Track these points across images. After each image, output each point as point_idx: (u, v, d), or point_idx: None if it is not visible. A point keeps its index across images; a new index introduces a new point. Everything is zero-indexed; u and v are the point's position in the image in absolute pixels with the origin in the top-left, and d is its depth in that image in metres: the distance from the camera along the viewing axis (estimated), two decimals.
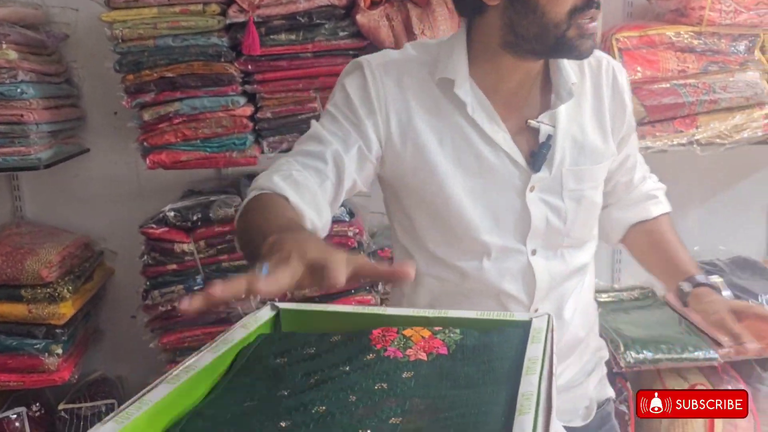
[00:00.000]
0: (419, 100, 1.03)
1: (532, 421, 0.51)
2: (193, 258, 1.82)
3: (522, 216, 1.04)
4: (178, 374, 0.63)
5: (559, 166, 1.05)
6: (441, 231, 1.06)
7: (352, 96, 1.03)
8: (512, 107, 1.05)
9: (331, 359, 0.71)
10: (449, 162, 1.03)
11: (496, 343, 0.69)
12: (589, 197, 1.08)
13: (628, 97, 1.13)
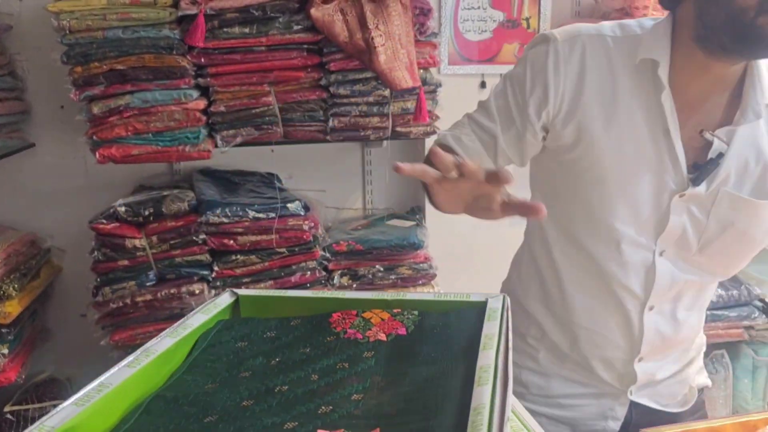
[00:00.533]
0: (601, 76, 0.99)
1: (489, 392, 0.53)
2: (145, 253, 1.79)
3: (662, 217, 1.00)
4: (137, 358, 0.63)
5: (719, 185, 0.99)
6: (581, 209, 1.05)
7: (528, 72, 1.03)
8: (693, 110, 0.99)
9: (292, 342, 0.71)
10: (607, 142, 0.99)
11: (454, 322, 0.71)
12: (741, 229, 1.01)
13: None
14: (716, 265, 1.05)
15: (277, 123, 1.83)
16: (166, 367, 0.66)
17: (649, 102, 0.98)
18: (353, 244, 1.92)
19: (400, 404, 0.55)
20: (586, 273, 1.07)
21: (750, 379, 2.34)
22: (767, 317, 2.23)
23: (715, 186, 0.98)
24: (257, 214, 1.82)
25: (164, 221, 1.80)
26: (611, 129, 0.99)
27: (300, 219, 1.84)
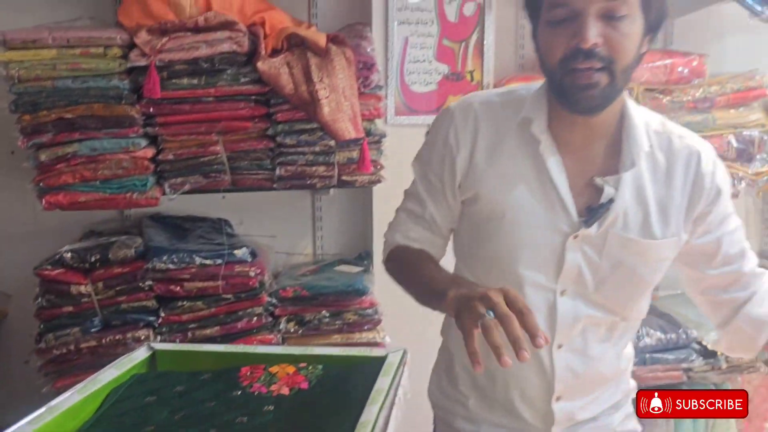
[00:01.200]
0: (492, 138, 1.11)
1: None
2: (91, 299, 1.80)
3: (559, 258, 1.08)
4: (40, 415, 0.65)
5: (608, 227, 1.06)
6: (484, 258, 1.15)
7: (437, 144, 1.16)
8: (577, 158, 1.08)
9: (200, 396, 0.74)
10: (504, 196, 1.09)
11: (354, 376, 0.75)
12: (630, 267, 1.08)
13: (711, 182, 1.09)
14: (613, 304, 1.12)
15: (225, 171, 1.88)
16: (72, 422, 0.68)
17: (534, 155, 1.08)
18: (299, 290, 1.95)
19: None
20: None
21: (692, 422, 2.40)
22: (704, 360, 2.30)
23: (604, 228, 1.07)
24: (204, 260, 1.84)
25: (111, 267, 1.81)
26: (503, 183, 1.10)
27: (246, 265, 1.87)
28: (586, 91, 0.97)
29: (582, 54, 0.95)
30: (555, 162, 1.07)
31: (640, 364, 2.25)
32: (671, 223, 1.09)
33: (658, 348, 2.26)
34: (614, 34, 0.95)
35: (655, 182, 1.08)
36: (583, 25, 0.94)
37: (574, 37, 0.95)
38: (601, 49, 0.95)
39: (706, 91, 2.14)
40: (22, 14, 1.96)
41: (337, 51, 1.82)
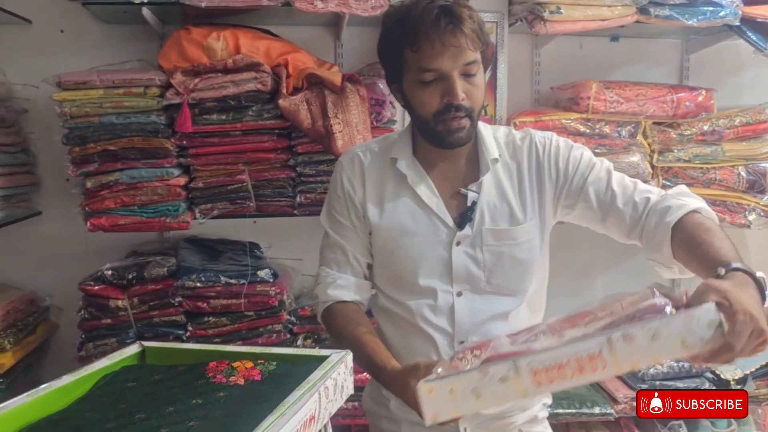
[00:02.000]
0: (376, 179, 1.35)
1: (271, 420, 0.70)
2: (127, 313, 1.99)
3: (447, 265, 1.30)
4: (37, 390, 0.82)
5: (479, 225, 1.29)
6: (391, 278, 1.36)
7: (338, 192, 1.38)
8: (447, 178, 1.32)
9: (171, 384, 0.89)
10: (394, 224, 1.32)
11: (299, 371, 0.88)
12: (507, 253, 1.30)
13: (552, 156, 1.32)
14: (506, 289, 1.31)
15: (250, 198, 2.05)
16: (64, 400, 0.84)
17: (408, 187, 1.32)
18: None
19: (215, 428, 0.72)
20: (405, 321, 1.33)
21: None
22: (717, 389, 2.30)
23: (476, 227, 1.29)
24: (229, 279, 2.01)
25: (145, 284, 2.00)
26: (390, 217, 1.33)
27: (268, 285, 2.03)
28: (455, 134, 1.24)
29: (453, 108, 1.21)
30: (425, 188, 1.31)
31: None
32: (529, 208, 1.31)
33: (669, 376, 2.29)
34: (471, 88, 1.22)
35: (510, 180, 1.32)
36: (452, 86, 1.20)
37: (445, 95, 1.21)
38: (465, 102, 1.21)
39: (714, 124, 2.20)
40: (80, 56, 2.21)
41: (352, 89, 1.98)
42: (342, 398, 0.89)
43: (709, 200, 2.30)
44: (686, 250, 1.16)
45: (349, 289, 1.36)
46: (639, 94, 2.16)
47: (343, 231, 1.37)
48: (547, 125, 2.18)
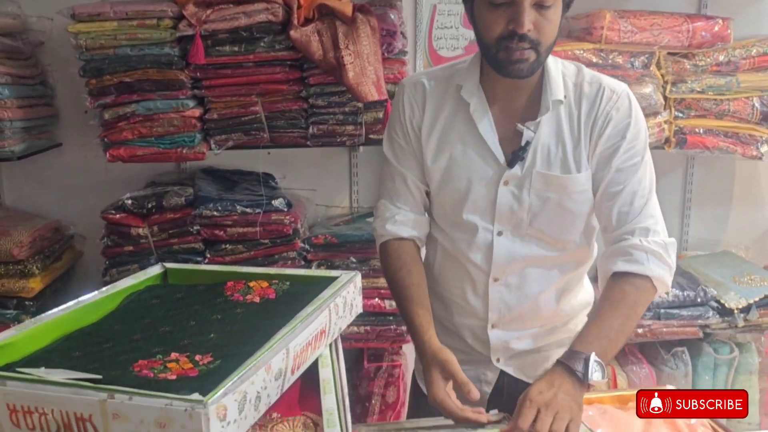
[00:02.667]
0: (436, 105, 1.31)
1: (287, 329, 0.76)
2: (148, 241, 2.07)
3: (492, 203, 1.27)
4: (68, 306, 0.88)
5: (530, 166, 1.24)
6: (438, 207, 1.35)
7: (399, 118, 1.35)
8: (507, 113, 1.27)
9: (192, 301, 0.96)
10: (445, 155, 1.29)
11: (311, 290, 0.94)
12: (555, 200, 1.25)
13: (615, 121, 1.22)
14: (548, 236, 1.28)
15: (263, 129, 2.09)
16: (94, 315, 0.91)
17: (467, 116, 1.27)
18: (330, 237, 2.16)
19: (232, 339, 0.79)
20: (448, 253, 1.35)
21: (711, 376, 2.48)
22: (721, 318, 2.36)
23: (527, 168, 1.24)
24: (245, 209, 2.07)
25: (164, 213, 2.07)
26: (443, 146, 1.29)
27: (282, 214, 2.09)
28: (516, 65, 1.16)
29: (516, 37, 1.13)
30: (484, 120, 1.25)
31: (654, 319, 2.35)
32: (583, 158, 1.24)
33: (675, 304, 2.34)
34: (543, 22, 1.12)
35: (571, 125, 1.25)
36: (520, 13, 1.11)
37: (511, 22, 1.12)
38: (532, 33, 1.12)
39: (730, 55, 2.18)
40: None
41: (363, 20, 1.97)
42: (351, 315, 0.95)
43: (721, 132, 2.31)
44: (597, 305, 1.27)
45: (407, 225, 1.35)
46: (654, 24, 2.14)
47: (404, 156, 1.35)
48: (560, 56, 2.15)
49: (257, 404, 0.67)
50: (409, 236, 1.35)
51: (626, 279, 1.20)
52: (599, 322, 1.18)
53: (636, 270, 1.20)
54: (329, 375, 0.79)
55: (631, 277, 1.20)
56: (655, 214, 1.24)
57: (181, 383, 0.66)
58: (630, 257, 1.20)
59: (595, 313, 1.21)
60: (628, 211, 1.22)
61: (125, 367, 0.73)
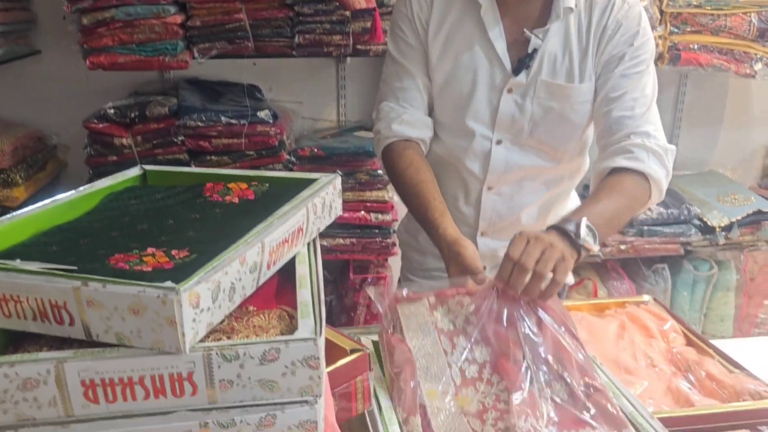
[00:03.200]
0: (444, 9, 1.25)
1: (265, 225, 0.76)
2: (131, 151, 2.05)
3: (494, 110, 1.25)
4: (45, 203, 0.88)
5: (536, 74, 1.22)
6: (439, 112, 1.31)
7: (405, 13, 1.28)
8: (517, 19, 1.22)
9: (171, 201, 0.95)
10: (449, 56, 1.25)
11: (290, 191, 0.93)
12: (557, 110, 1.23)
13: (624, 28, 1.20)
14: (547, 147, 1.28)
15: (248, 38, 2.03)
16: (71, 213, 0.90)
17: (476, 19, 1.23)
18: (316, 150, 2.14)
19: (209, 236, 0.79)
20: (443, 160, 1.33)
21: (689, 292, 2.54)
22: (703, 235, 2.40)
23: (532, 76, 1.22)
24: (229, 119, 2.04)
25: (148, 123, 2.04)
26: (448, 49, 1.24)
27: (268, 126, 2.06)
28: None
29: None
30: (494, 24, 1.21)
31: (637, 236, 2.38)
32: (589, 68, 1.22)
33: (658, 222, 2.37)
34: None
35: (579, 34, 1.22)
36: None
37: None
38: None
39: None
40: None
41: None
42: (330, 217, 0.95)
43: (716, 48, 2.26)
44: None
45: (415, 125, 1.30)
46: None
47: (411, 54, 1.29)
48: None
49: (231, 295, 0.68)
50: (417, 137, 1.30)
51: (624, 174, 1.17)
52: (593, 202, 1.13)
53: (636, 167, 1.17)
54: (306, 271, 0.79)
55: (630, 173, 1.17)
56: (655, 121, 1.23)
57: (155, 274, 0.66)
58: (631, 155, 1.18)
59: (590, 197, 1.17)
60: (630, 116, 1.20)
61: (101, 260, 0.73)
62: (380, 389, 0.94)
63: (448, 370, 0.96)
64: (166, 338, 0.61)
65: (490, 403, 0.93)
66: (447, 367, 0.96)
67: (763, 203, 2.48)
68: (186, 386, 0.63)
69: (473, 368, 0.97)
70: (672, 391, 1.12)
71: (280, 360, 0.64)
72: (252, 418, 0.65)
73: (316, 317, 0.68)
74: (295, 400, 0.65)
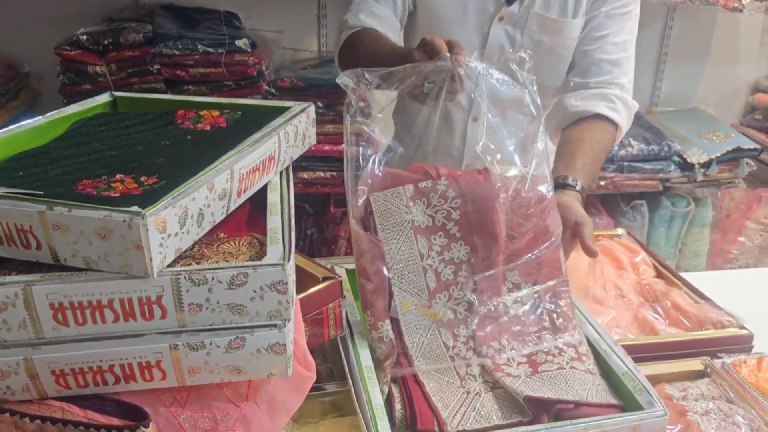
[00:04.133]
0: None
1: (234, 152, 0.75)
2: (106, 79, 2.00)
3: (484, 38, 1.24)
4: (11, 129, 0.86)
5: (529, 5, 1.21)
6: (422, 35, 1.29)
7: None
8: None
9: (141, 128, 0.94)
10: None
11: (263, 119, 0.92)
12: (546, 44, 1.24)
13: None
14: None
15: None
16: (38, 140, 0.89)
17: None
18: (295, 80, 2.11)
19: (179, 163, 0.78)
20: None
21: (665, 228, 2.57)
22: (682, 172, 2.41)
23: (525, 6, 1.20)
24: (206, 48, 2.00)
25: (122, 51, 1.99)
26: None
27: (246, 55, 2.02)
28: None
29: None
30: None
31: (617, 172, 2.39)
32: (583, 4, 1.21)
33: (638, 158, 2.38)
34: None
35: None
36: None
37: None
38: None
39: None
40: None
41: None
42: (304, 146, 0.94)
43: None
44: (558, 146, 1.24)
45: (383, 21, 1.26)
46: None
47: None
48: None
49: (200, 221, 0.68)
50: (383, 31, 1.25)
51: (602, 124, 1.22)
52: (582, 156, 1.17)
53: (614, 117, 1.22)
54: (277, 199, 0.79)
55: (606, 123, 1.23)
56: (630, 74, 1.26)
57: (123, 199, 0.66)
58: (612, 105, 1.22)
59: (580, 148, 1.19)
60: (608, 61, 1.23)
61: (68, 186, 0.72)
62: (352, 316, 0.95)
63: (422, 276, 0.94)
64: (134, 262, 0.61)
65: (462, 313, 0.93)
66: (422, 274, 0.94)
67: (742, 141, 2.49)
68: (155, 310, 0.64)
69: (449, 270, 0.94)
70: (639, 320, 1.15)
71: (248, 285, 0.64)
72: (221, 340, 0.66)
73: (285, 244, 0.69)
74: (263, 324, 0.66)
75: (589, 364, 0.90)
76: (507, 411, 0.85)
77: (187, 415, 0.68)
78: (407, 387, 0.86)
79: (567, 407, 0.83)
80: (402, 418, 0.83)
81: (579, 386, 0.85)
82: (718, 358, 1.03)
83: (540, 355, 0.91)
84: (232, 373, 0.68)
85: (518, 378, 0.87)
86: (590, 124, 1.22)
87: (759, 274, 1.66)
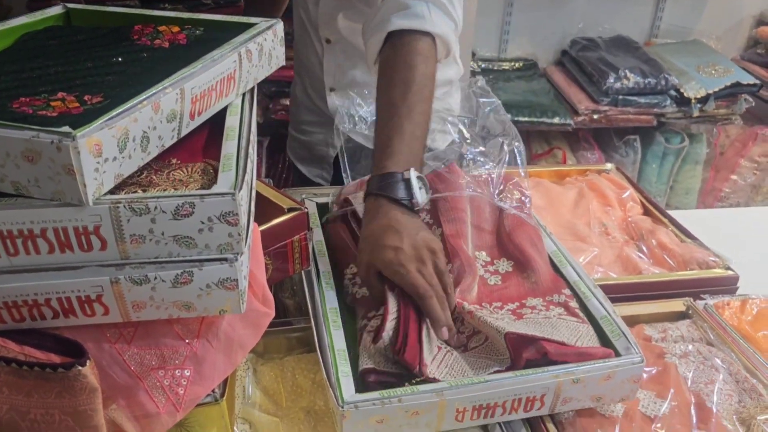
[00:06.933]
0: None
1: (189, 70, 0.68)
2: None
3: None
4: None
5: None
6: None
7: None
8: None
9: (93, 43, 0.86)
10: None
11: (226, 37, 0.84)
12: None
13: None
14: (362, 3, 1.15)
15: None
16: None
17: None
18: None
19: (128, 81, 0.71)
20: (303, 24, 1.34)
21: (657, 164, 2.52)
22: (678, 107, 2.34)
23: None
24: None
25: None
26: None
27: None
28: None
29: None
30: None
31: (612, 105, 2.32)
32: None
33: (634, 91, 2.31)
34: None
35: None
36: None
37: None
38: None
39: None
40: None
41: None
42: (271, 67, 0.87)
43: None
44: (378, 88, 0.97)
45: None
46: None
47: None
48: None
49: (145, 145, 0.62)
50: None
51: (407, 47, 0.95)
52: (398, 127, 0.91)
53: (416, 26, 0.96)
54: (235, 123, 0.73)
55: (412, 41, 0.95)
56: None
57: (59, 119, 0.60)
58: (407, 11, 0.96)
59: (388, 113, 0.94)
60: None
61: (3, 103, 0.66)
62: (320, 253, 0.91)
63: None
64: (67, 189, 0.56)
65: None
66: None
67: (742, 75, 2.41)
68: (94, 240, 0.59)
69: None
70: (622, 258, 1.11)
71: (195, 215, 0.59)
72: (167, 275, 0.61)
73: (239, 171, 0.63)
74: (213, 257, 0.61)
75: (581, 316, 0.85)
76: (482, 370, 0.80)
77: (133, 352, 0.63)
78: (407, 315, 0.80)
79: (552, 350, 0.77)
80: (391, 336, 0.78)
81: (567, 332, 0.80)
82: (701, 300, 1.00)
83: (525, 309, 0.86)
84: (181, 309, 0.63)
85: (502, 319, 0.83)
86: (399, 60, 0.96)
87: (749, 213, 1.62)
